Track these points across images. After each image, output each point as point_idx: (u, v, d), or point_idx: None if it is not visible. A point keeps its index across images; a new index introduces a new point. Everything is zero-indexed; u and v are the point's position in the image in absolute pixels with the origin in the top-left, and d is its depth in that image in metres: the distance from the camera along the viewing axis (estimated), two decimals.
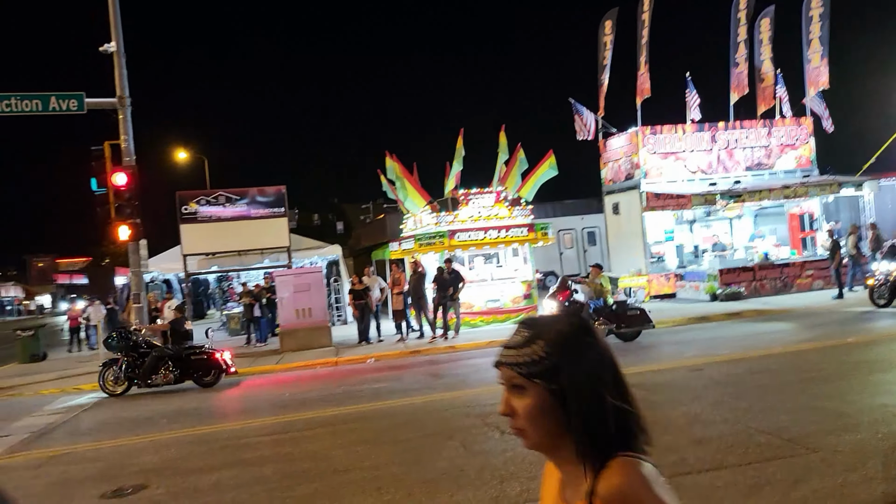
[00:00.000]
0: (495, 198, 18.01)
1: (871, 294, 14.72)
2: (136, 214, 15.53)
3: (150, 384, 12.32)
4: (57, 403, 12.31)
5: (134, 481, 6.84)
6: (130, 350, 12.42)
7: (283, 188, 20.68)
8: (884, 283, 14.51)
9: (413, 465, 6.58)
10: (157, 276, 23.20)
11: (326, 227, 73.10)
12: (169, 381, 12.33)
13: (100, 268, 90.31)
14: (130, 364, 12.36)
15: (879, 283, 14.60)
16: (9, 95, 14.95)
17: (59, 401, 12.69)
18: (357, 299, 16.86)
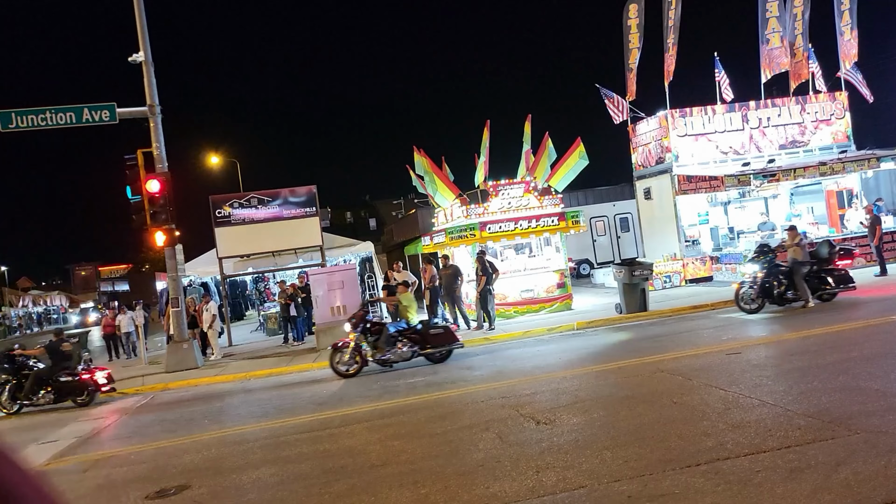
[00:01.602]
0: (524, 188, 17.93)
1: (736, 299, 13.57)
2: (171, 220, 15.85)
3: (33, 403, 13.07)
4: (103, 408, 12.64)
5: (177, 482, 7.00)
6: (16, 372, 13.20)
7: (314, 188, 20.88)
8: (751, 287, 13.38)
9: (449, 457, 6.61)
10: (194, 279, 23.61)
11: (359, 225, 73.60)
12: (49, 401, 13.09)
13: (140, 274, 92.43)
14: (14, 386, 13.13)
15: (746, 287, 13.48)
16: (44, 109, 15.37)
17: (104, 405, 13.02)
18: (391, 295, 16.93)
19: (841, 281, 13.48)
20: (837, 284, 13.42)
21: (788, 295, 13.24)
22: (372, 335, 12.52)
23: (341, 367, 12.46)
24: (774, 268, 13.27)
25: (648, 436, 6.41)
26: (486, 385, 10.03)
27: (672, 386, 8.34)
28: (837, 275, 13.56)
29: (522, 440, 6.82)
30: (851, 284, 13.47)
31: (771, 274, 13.22)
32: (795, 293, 13.21)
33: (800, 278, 13.19)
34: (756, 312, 13.26)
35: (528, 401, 8.51)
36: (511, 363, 11.82)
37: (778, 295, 13.20)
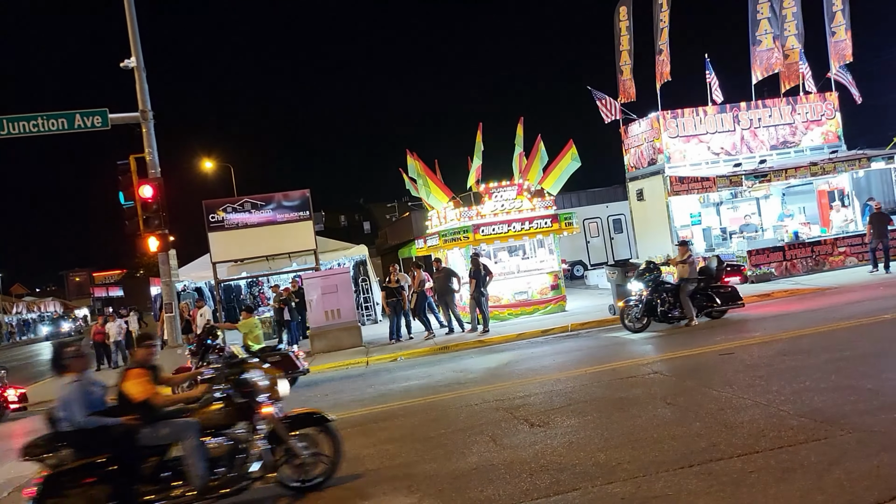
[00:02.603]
0: (517, 190, 17.97)
1: (622, 317, 13.25)
2: (165, 225, 15.77)
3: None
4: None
5: None
6: None
7: (308, 192, 20.87)
8: (636, 305, 13.06)
9: (443, 461, 6.63)
10: (188, 284, 23.57)
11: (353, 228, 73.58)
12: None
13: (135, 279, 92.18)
14: None
15: (631, 305, 13.14)
16: (35, 116, 15.29)
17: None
18: (389, 297, 16.98)
19: (728, 298, 13.17)
20: (724, 302, 13.10)
21: (674, 313, 12.92)
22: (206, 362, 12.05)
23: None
24: (660, 285, 12.99)
25: (642, 437, 6.44)
26: (480, 388, 10.04)
27: (665, 387, 8.37)
28: (724, 292, 13.23)
29: (516, 443, 6.84)
30: (739, 302, 13.20)
31: (656, 291, 12.93)
32: (681, 311, 12.90)
33: (685, 296, 12.85)
34: (641, 331, 12.92)
35: (522, 403, 8.53)
36: (505, 365, 11.84)
37: (662, 313, 12.89)
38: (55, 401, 5.88)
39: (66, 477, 5.55)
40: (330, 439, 6.33)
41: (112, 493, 5.59)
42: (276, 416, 6.21)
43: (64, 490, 5.48)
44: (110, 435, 5.73)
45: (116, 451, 5.74)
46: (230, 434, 6.08)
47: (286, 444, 6.17)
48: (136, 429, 5.82)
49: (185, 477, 5.84)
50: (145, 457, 5.86)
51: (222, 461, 5.98)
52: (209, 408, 6.13)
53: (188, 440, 5.85)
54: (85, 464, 5.62)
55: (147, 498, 5.75)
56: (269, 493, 6.37)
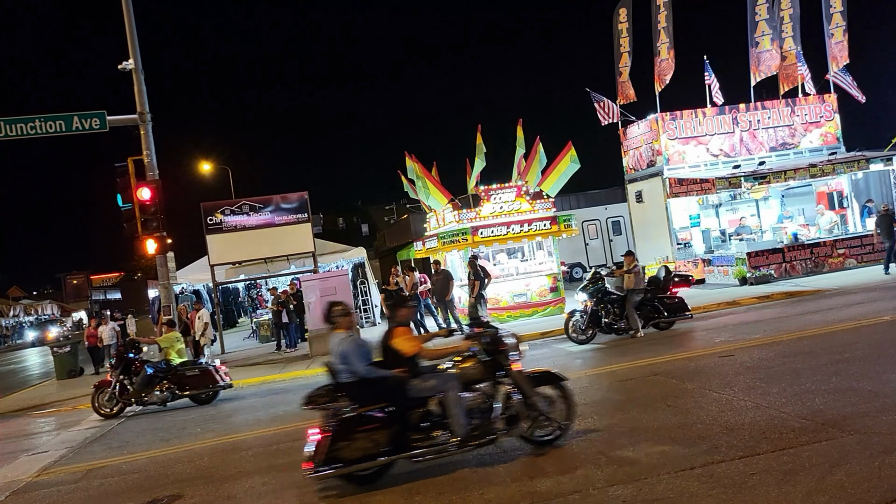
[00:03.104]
0: (516, 192, 17.96)
1: (566, 328, 12.98)
2: (163, 228, 15.74)
3: None
4: (93, 417, 12.53)
5: (169, 491, 6.95)
6: None
7: (306, 194, 20.84)
8: (581, 315, 12.80)
9: (442, 464, 6.58)
10: (186, 287, 23.51)
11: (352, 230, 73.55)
12: None
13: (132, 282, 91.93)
14: None
15: (577, 316, 12.89)
16: (33, 118, 15.27)
17: (95, 415, 12.90)
18: (389, 300, 16.87)
19: (675, 309, 12.93)
20: (671, 313, 12.89)
21: (620, 325, 12.65)
22: (133, 376, 12.16)
23: (103, 408, 12.20)
24: (605, 296, 12.72)
25: (643, 440, 6.40)
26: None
27: (667, 389, 8.34)
28: (670, 303, 12.94)
29: (516, 445, 6.79)
30: (686, 313, 12.97)
31: (601, 302, 12.68)
32: (627, 323, 12.64)
33: (630, 307, 12.57)
34: (586, 343, 12.65)
35: None
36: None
37: (607, 325, 12.65)
38: (332, 355, 6.50)
39: (353, 422, 6.15)
40: (564, 398, 6.73)
41: (389, 438, 6.17)
42: (523, 373, 6.65)
43: (352, 434, 6.09)
44: (386, 385, 6.32)
45: (391, 401, 6.29)
46: (482, 389, 6.54)
47: (530, 400, 6.55)
48: (406, 380, 6.38)
49: (444, 426, 6.31)
50: (413, 407, 6.37)
51: (475, 413, 6.43)
52: (464, 364, 6.60)
53: (451, 392, 6.33)
54: (367, 411, 6.21)
55: (415, 444, 6.26)
56: (510, 445, 6.74)
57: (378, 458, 6.13)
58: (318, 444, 6.07)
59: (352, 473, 6.15)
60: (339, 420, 6.16)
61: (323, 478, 6.11)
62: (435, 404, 6.36)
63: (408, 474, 6.35)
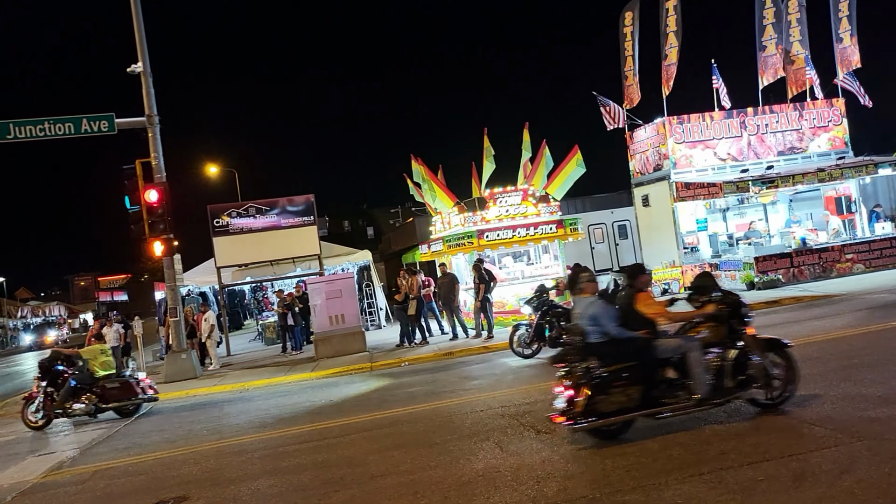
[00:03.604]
0: (522, 196, 17.94)
1: (510, 342, 12.74)
2: (170, 230, 15.81)
3: None
4: (101, 418, 12.56)
5: (175, 493, 6.95)
6: None
7: (312, 197, 20.87)
8: (527, 329, 12.56)
9: (449, 467, 6.57)
10: (192, 289, 23.55)
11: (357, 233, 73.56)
12: None
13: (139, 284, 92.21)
14: None
15: (522, 329, 12.64)
16: (42, 120, 15.36)
17: (103, 415, 12.93)
18: (397, 304, 16.87)
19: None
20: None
21: (564, 338, 12.42)
22: (56, 387, 12.15)
23: (30, 420, 12.16)
24: (550, 309, 12.51)
25: (650, 445, 6.37)
26: (484, 394, 9.99)
27: None
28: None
29: (522, 450, 6.78)
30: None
31: (546, 316, 12.45)
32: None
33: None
34: (531, 357, 12.37)
35: (528, 410, 8.47)
36: (510, 372, 11.77)
37: (550, 339, 12.33)
38: (580, 317, 6.89)
39: (609, 379, 6.52)
40: (789, 365, 6.91)
41: (639, 394, 6.56)
42: (757, 338, 6.93)
43: (608, 389, 6.48)
44: (634, 346, 6.71)
45: (638, 359, 6.64)
46: (718, 351, 6.85)
47: (762, 363, 6.79)
48: (652, 341, 6.79)
49: (683, 386, 6.68)
50: (658, 366, 6.75)
51: (712, 374, 6.73)
52: (701, 326, 6.93)
53: (694, 353, 6.68)
54: (619, 368, 6.56)
55: (661, 401, 6.62)
56: (735, 407, 7.03)
57: (630, 413, 6.55)
58: (571, 400, 6.50)
59: (601, 427, 6.57)
60: (594, 377, 6.51)
61: (579, 430, 6.58)
62: (676, 364, 6.72)
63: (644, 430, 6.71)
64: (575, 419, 6.47)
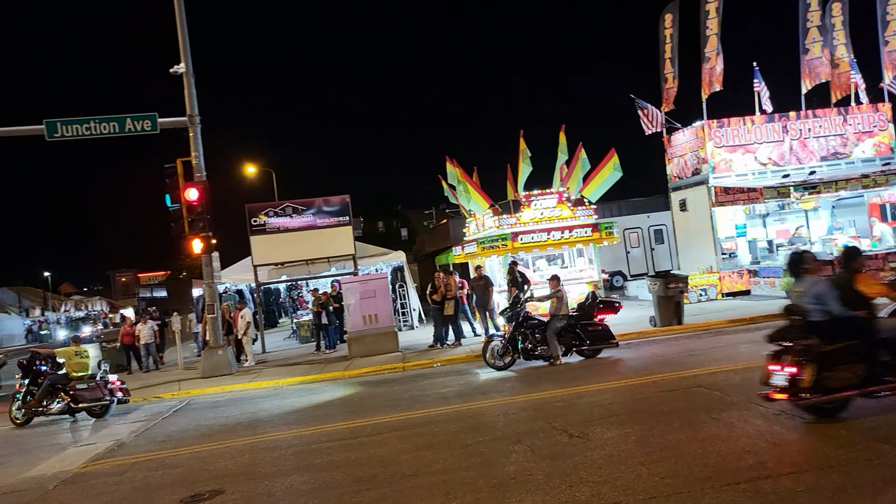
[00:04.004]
0: (557, 198, 17.84)
1: (483, 353, 12.70)
2: (208, 228, 16.09)
3: None
4: (140, 412, 12.85)
5: (210, 486, 7.06)
6: None
7: (348, 197, 21.04)
8: (501, 340, 12.65)
9: (481, 469, 6.56)
10: (229, 286, 23.91)
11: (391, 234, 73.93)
12: None
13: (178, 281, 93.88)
14: None
15: (497, 340, 12.74)
16: (88, 119, 15.75)
17: (141, 409, 13.22)
18: (434, 304, 16.90)
19: (597, 337, 12.49)
20: (593, 342, 12.46)
21: (538, 351, 12.41)
22: (37, 386, 12.55)
23: (15, 415, 12.72)
24: (525, 321, 12.58)
25: (686, 452, 6.28)
26: (517, 396, 9.96)
27: (710, 401, 8.17)
28: (592, 331, 12.51)
29: (555, 453, 6.74)
30: (612, 341, 12.52)
31: (520, 327, 12.52)
32: (547, 349, 12.35)
33: (551, 333, 12.28)
34: (504, 369, 12.30)
35: (561, 413, 8.42)
36: (543, 374, 11.71)
37: (524, 350, 12.43)
38: (803, 296, 7.02)
39: (835, 355, 6.65)
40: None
41: (863, 372, 6.67)
42: None
43: (835, 366, 6.62)
44: (856, 324, 6.82)
45: (860, 338, 6.75)
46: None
47: None
48: (873, 320, 6.94)
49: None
50: (879, 345, 6.81)
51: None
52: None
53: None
54: (843, 346, 6.68)
55: (882, 380, 6.70)
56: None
57: (852, 390, 6.65)
58: (794, 377, 6.63)
59: (823, 405, 6.68)
60: (821, 353, 6.58)
61: (803, 405, 6.73)
62: (891, 346, 6.74)
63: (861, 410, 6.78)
64: (799, 395, 6.60)
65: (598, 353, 12.55)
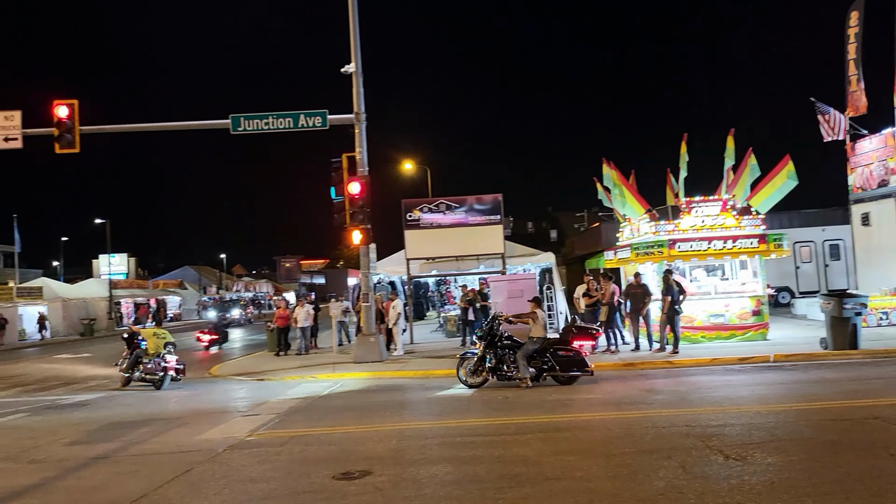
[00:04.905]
0: (721, 206, 16.88)
1: (457, 369, 12.66)
2: (368, 221, 16.88)
3: None
4: (298, 390, 13.72)
5: (360, 467, 7.40)
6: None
7: (500, 196, 21.20)
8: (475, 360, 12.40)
9: (627, 480, 6.37)
10: (383, 278, 24.90)
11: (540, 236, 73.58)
12: None
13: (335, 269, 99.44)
14: None
15: (467, 358, 12.64)
16: (266, 115, 17.04)
17: (299, 387, 14.11)
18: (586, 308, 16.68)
19: (567, 364, 12.04)
20: (563, 368, 12.02)
21: (507, 371, 12.25)
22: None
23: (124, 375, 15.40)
24: (497, 340, 12.43)
25: (858, 488, 5.73)
26: (667, 410, 9.55)
27: (889, 436, 7.40)
28: (563, 356, 12.09)
29: (709, 473, 6.40)
30: (586, 369, 12.01)
31: (491, 346, 12.39)
32: (517, 371, 12.09)
33: (521, 355, 12.04)
34: (477, 387, 12.25)
35: (716, 433, 7.97)
36: (696, 390, 11.16)
37: (490, 369, 12.30)
38: None
39: None
40: None
41: None
42: None
43: None
44: None
45: None
46: None
47: None
48: None
49: None
50: None
51: None
52: None
53: None
54: None
55: None
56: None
57: None
58: None
59: None
60: None
61: None
62: None
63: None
64: None
65: (574, 381, 12.09)
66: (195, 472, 7.57)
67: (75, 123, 16.56)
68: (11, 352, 31.96)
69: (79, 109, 16.63)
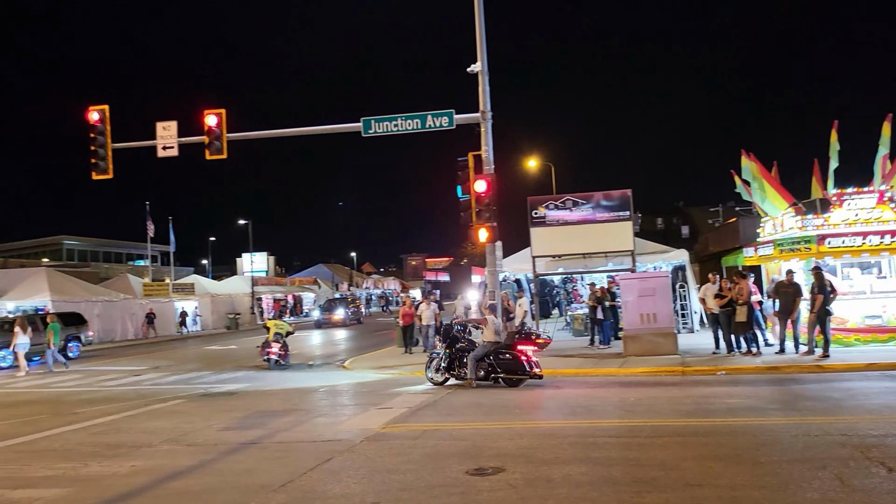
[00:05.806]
0: (878, 198, 15.50)
1: (426, 368, 14.15)
2: (494, 218, 16.94)
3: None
4: (424, 385, 13.98)
5: (493, 463, 7.44)
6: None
7: (629, 192, 20.56)
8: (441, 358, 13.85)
9: (777, 491, 5.99)
10: (508, 275, 24.89)
11: (670, 232, 70.86)
12: None
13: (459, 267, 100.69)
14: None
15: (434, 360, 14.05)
16: (396, 117, 17.52)
17: (425, 384, 14.38)
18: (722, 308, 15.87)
19: (508, 368, 12.99)
20: (506, 371, 13.00)
21: (460, 372, 13.52)
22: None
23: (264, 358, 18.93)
24: (455, 341, 13.84)
25: None
26: (819, 418, 8.90)
27: None
28: (503, 360, 13.05)
29: (870, 487, 5.90)
30: (528, 373, 12.84)
31: (450, 347, 13.82)
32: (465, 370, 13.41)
33: (472, 357, 13.27)
34: (442, 384, 13.64)
35: (877, 443, 7.34)
36: (851, 397, 10.33)
37: (445, 368, 13.73)
38: None
39: None
40: None
41: None
42: None
43: None
44: None
45: None
46: None
47: None
48: None
49: None
50: None
51: None
52: None
53: None
54: None
55: None
56: None
57: None
58: None
59: None
60: None
61: None
62: None
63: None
64: None
65: (520, 384, 12.87)
66: (335, 462, 7.92)
67: (223, 131, 17.77)
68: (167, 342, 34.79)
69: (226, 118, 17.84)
